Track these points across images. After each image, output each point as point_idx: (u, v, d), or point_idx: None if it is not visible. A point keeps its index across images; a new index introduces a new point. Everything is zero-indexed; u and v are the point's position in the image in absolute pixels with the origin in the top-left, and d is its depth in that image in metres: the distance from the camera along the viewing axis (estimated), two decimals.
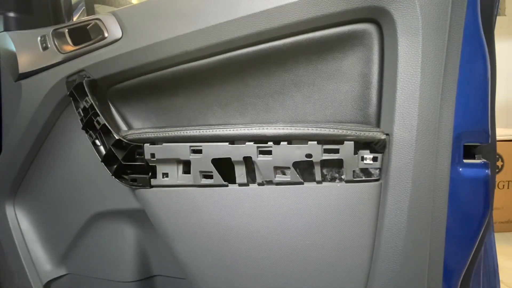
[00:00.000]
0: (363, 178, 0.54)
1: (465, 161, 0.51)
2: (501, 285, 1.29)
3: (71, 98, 0.65)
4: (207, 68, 0.60)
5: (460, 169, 0.50)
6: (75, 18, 0.90)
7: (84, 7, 0.94)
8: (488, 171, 0.50)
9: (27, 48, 0.70)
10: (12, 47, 0.71)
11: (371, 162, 0.53)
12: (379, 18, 0.52)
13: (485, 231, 0.53)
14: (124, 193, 0.66)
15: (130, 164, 0.62)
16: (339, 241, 0.55)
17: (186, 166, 0.59)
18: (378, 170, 0.54)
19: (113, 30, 0.63)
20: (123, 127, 0.68)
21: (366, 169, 0.54)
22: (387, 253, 0.52)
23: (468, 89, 0.50)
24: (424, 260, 0.52)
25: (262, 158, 0.55)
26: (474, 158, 0.51)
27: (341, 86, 0.58)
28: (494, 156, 0.55)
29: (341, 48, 0.56)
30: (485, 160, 0.51)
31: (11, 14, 0.75)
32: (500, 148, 1.89)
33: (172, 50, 0.59)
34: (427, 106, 0.49)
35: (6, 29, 0.74)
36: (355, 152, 0.53)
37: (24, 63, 0.70)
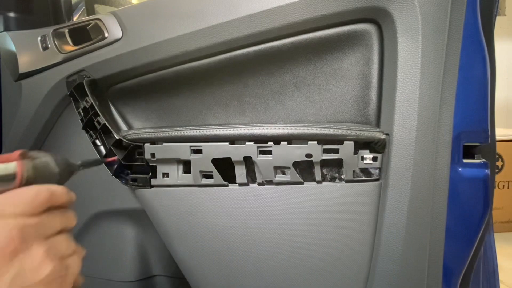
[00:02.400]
0: (363, 178, 0.55)
1: (464, 161, 0.51)
2: (501, 285, 1.29)
3: (71, 98, 0.65)
4: (207, 68, 0.60)
5: (460, 169, 0.50)
6: (75, 18, 0.90)
7: (84, 7, 0.94)
8: (487, 171, 0.50)
9: (27, 48, 0.70)
10: (12, 47, 0.71)
11: (371, 162, 0.54)
12: (379, 19, 0.52)
13: (485, 231, 0.53)
14: (124, 193, 0.66)
15: (130, 164, 0.62)
16: (339, 241, 0.55)
17: (186, 166, 0.59)
18: (378, 170, 0.54)
19: (113, 30, 0.63)
20: (123, 127, 0.68)
21: (366, 169, 0.55)
22: (386, 252, 0.52)
23: (467, 89, 0.50)
24: (424, 260, 0.52)
25: (262, 158, 0.55)
26: (473, 158, 0.51)
27: (341, 86, 0.58)
28: (493, 156, 0.55)
29: (341, 48, 0.56)
30: (484, 160, 0.51)
31: (11, 14, 0.75)
32: (500, 148, 1.89)
33: (172, 50, 0.59)
34: (426, 106, 0.49)
35: (6, 29, 0.74)
36: (355, 152, 0.53)
37: (24, 63, 0.70)
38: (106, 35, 0.63)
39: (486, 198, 0.51)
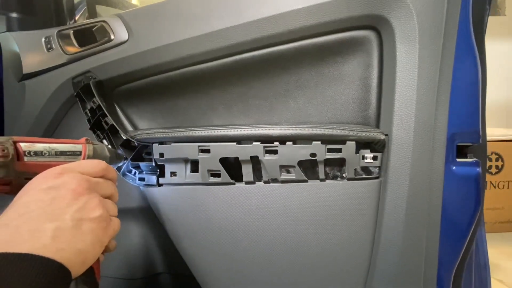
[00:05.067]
0: (364, 176, 0.60)
1: (458, 160, 0.56)
2: (501, 285, 1.34)
3: (78, 99, 0.68)
4: (213, 71, 0.64)
5: (454, 167, 0.56)
6: (76, 19, 0.93)
7: (85, 7, 0.97)
8: (479, 169, 0.55)
9: (31, 48, 0.72)
10: (15, 47, 0.73)
11: (372, 161, 0.59)
12: (378, 26, 0.58)
13: (476, 227, 0.58)
14: (130, 191, 0.70)
15: (138, 163, 0.67)
16: (341, 236, 0.60)
17: (194, 165, 0.63)
18: (378, 168, 0.60)
19: (119, 32, 0.66)
20: (128, 127, 0.71)
21: (367, 167, 0.60)
22: (386, 246, 0.58)
23: (461, 93, 0.55)
24: (421, 253, 0.57)
25: (268, 157, 0.60)
26: (466, 157, 0.57)
27: (342, 89, 0.63)
28: (485, 155, 0.61)
29: (342, 53, 0.61)
30: (476, 159, 0.57)
31: (14, 15, 0.78)
32: (500, 148, 1.94)
33: (177, 53, 0.63)
34: (423, 109, 0.55)
35: (9, 29, 0.76)
36: (357, 152, 0.59)
37: (28, 63, 0.72)
38: (112, 37, 0.66)
39: (478, 195, 0.56)
